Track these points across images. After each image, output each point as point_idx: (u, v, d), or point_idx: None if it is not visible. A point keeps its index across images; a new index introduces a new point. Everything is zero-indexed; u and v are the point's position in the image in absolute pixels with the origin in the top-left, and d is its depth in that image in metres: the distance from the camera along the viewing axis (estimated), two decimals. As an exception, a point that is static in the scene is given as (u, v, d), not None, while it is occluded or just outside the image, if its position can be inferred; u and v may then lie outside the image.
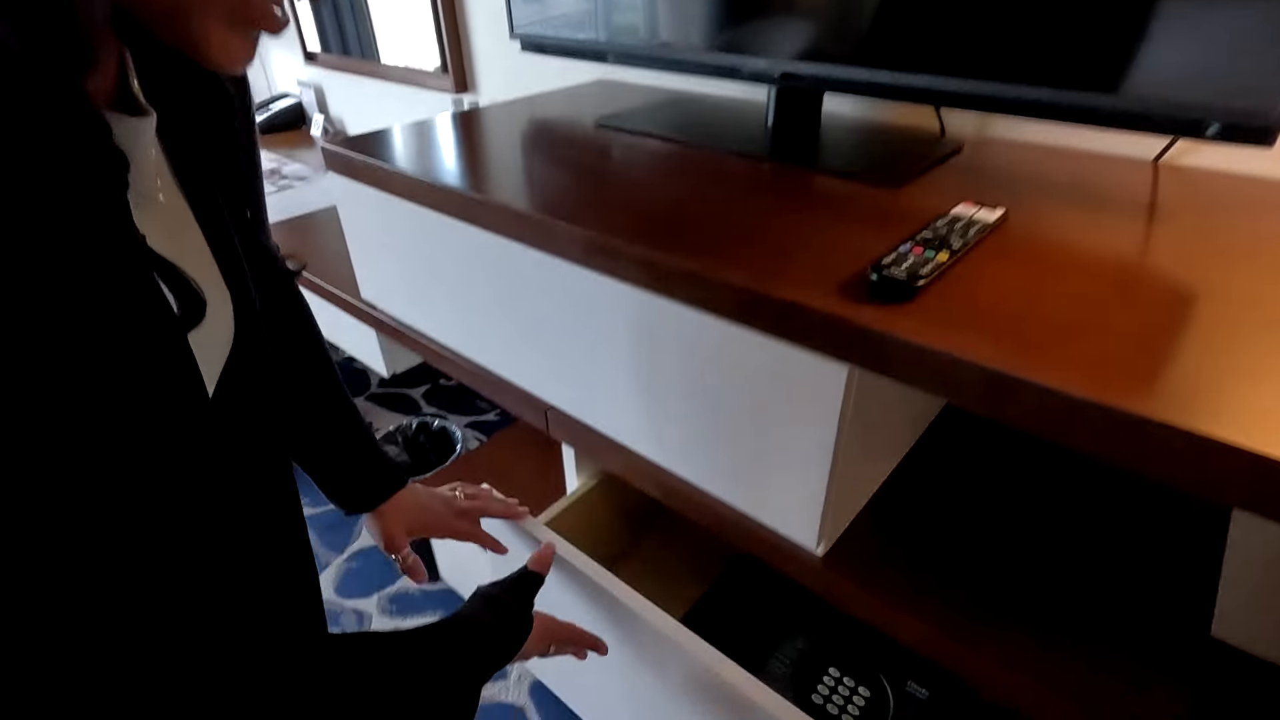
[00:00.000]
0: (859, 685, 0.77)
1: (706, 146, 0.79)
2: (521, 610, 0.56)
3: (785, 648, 0.81)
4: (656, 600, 0.68)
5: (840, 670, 0.79)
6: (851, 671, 0.78)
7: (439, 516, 0.68)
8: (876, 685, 0.77)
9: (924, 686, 0.75)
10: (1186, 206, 0.61)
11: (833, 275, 0.50)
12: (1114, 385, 0.37)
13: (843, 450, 0.53)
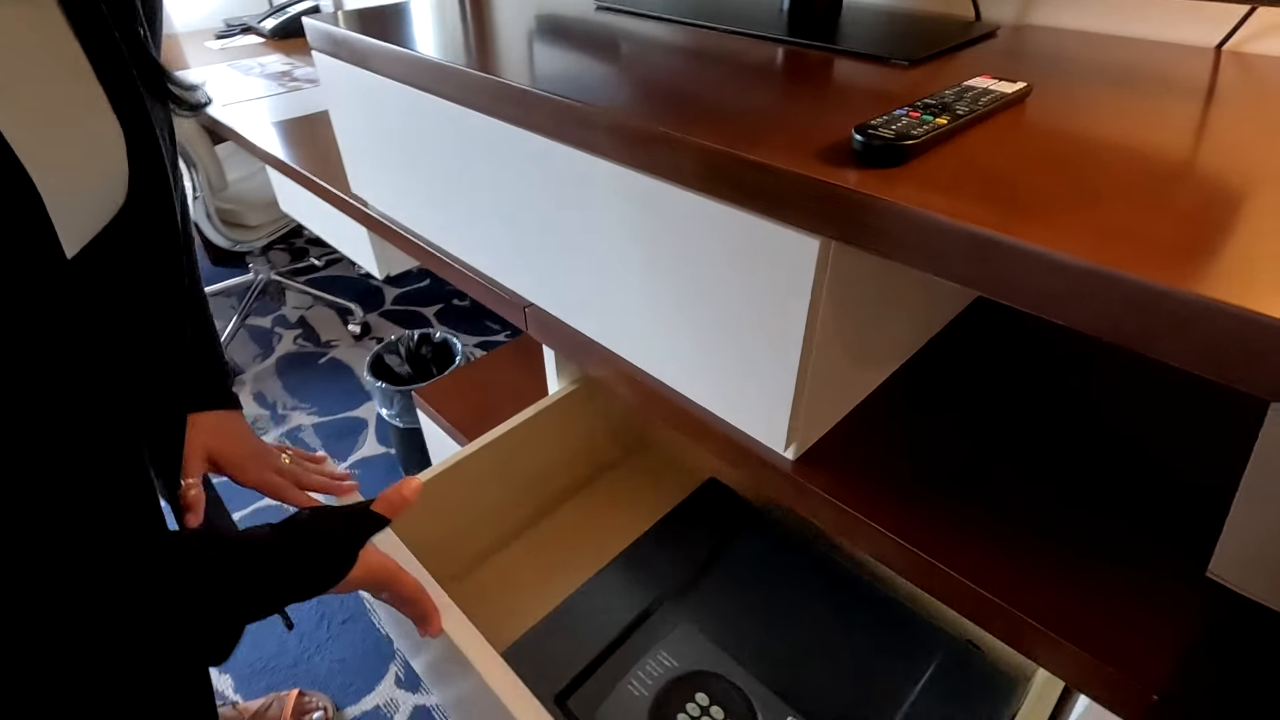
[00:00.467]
0: (728, 715, 0.63)
1: (715, 26, 0.72)
2: (335, 553, 0.47)
3: (652, 661, 0.67)
4: (617, 522, 0.64)
5: (710, 697, 0.64)
6: (722, 700, 0.64)
7: (251, 457, 0.60)
8: (745, 713, 0.63)
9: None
10: (1243, 92, 0.53)
11: (816, 142, 0.44)
12: (1123, 253, 0.31)
13: (817, 342, 0.48)
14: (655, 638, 0.68)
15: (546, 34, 0.73)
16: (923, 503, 0.52)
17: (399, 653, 1.10)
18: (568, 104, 0.52)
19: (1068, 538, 0.49)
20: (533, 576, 0.83)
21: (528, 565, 0.85)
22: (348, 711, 1.03)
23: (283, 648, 1.11)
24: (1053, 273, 0.32)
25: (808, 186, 0.40)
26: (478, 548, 0.87)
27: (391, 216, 0.92)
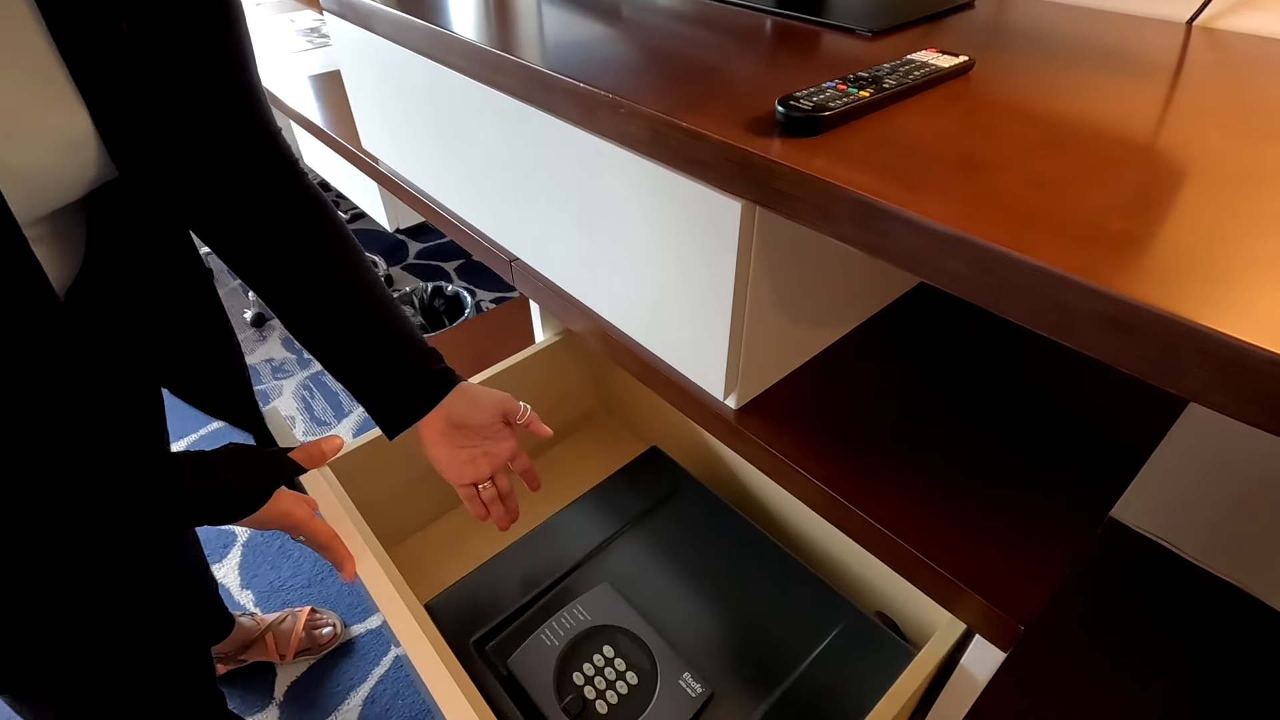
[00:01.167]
0: (629, 670, 0.67)
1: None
2: (247, 485, 0.51)
3: (568, 615, 0.71)
4: (562, 488, 0.67)
5: (615, 652, 0.68)
6: (629, 656, 0.68)
7: (485, 415, 0.63)
8: (648, 672, 0.67)
9: (701, 683, 0.66)
10: (1203, 67, 0.54)
11: (752, 110, 0.47)
12: (983, 220, 0.35)
13: (750, 300, 0.52)
14: (573, 593, 0.73)
15: (552, 6, 0.76)
16: (852, 455, 0.56)
17: (402, 580, 1.19)
18: (532, 68, 0.56)
19: (981, 490, 0.53)
20: (473, 537, 0.90)
21: (470, 528, 0.91)
22: (354, 628, 1.12)
23: (298, 569, 1.21)
24: (922, 236, 0.36)
25: (729, 152, 0.44)
26: (424, 509, 0.92)
27: (398, 172, 0.97)
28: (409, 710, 1.02)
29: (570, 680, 0.66)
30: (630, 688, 0.66)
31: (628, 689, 0.66)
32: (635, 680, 0.66)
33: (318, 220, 0.58)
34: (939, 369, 0.65)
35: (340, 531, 0.57)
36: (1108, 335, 0.30)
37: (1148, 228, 0.33)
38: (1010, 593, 0.46)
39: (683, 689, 0.65)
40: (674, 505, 0.83)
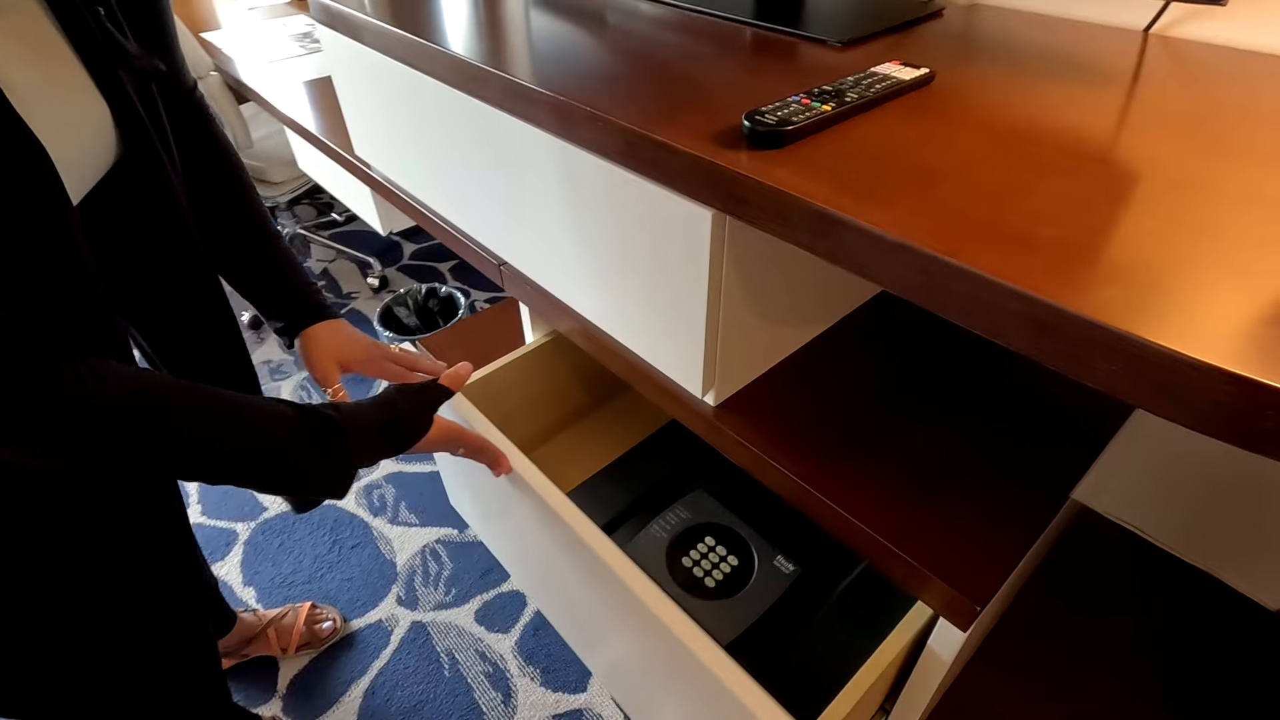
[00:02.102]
0: (729, 554, 0.83)
1: (689, 7, 0.76)
2: (415, 413, 0.59)
3: (678, 507, 0.89)
4: (590, 458, 0.74)
5: (716, 540, 0.85)
6: (727, 542, 0.85)
7: (369, 354, 0.72)
8: (746, 557, 0.83)
9: (793, 563, 0.82)
10: (1155, 75, 0.57)
11: (722, 122, 0.50)
12: (923, 228, 0.37)
13: (723, 302, 0.54)
14: (673, 498, 0.90)
15: (525, 10, 0.79)
16: (824, 450, 0.59)
17: (400, 575, 1.22)
18: (512, 80, 0.59)
19: (942, 480, 0.56)
20: (580, 454, 1.02)
21: (574, 448, 1.04)
22: (354, 623, 1.15)
23: (298, 566, 1.24)
24: (869, 243, 0.39)
25: (697, 164, 0.46)
26: (531, 431, 1.03)
27: (389, 177, 0.99)
28: (409, 700, 1.05)
29: (680, 564, 0.82)
30: (732, 568, 0.82)
31: (730, 569, 0.82)
32: (736, 562, 0.83)
33: (230, 164, 0.69)
34: (905, 367, 0.67)
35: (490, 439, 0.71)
36: (1032, 334, 0.33)
37: (1076, 234, 0.36)
38: (968, 576, 0.49)
39: (777, 568, 0.82)
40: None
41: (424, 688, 1.06)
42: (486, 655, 1.10)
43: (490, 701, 1.05)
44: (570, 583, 0.80)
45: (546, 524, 0.74)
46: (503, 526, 0.95)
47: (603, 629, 0.79)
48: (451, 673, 1.08)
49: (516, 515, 0.84)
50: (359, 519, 1.32)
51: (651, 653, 0.68)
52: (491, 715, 1.03)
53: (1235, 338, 0.29)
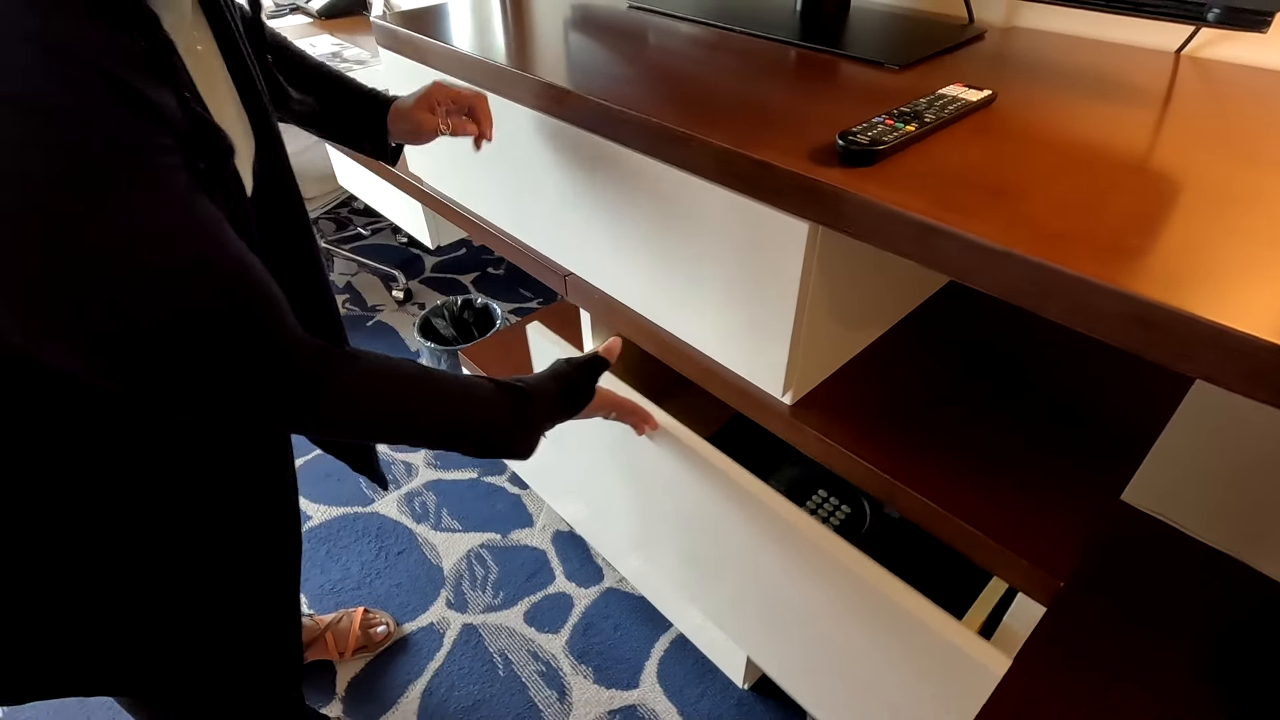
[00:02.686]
0: (842, 504, 0.94)
1: (733, 29, 0.81)
2: (584, 381, 0.68)
3: (779, 474, 0.99)
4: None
5: (828, 491, 0.96)
6: (837, 493, 0.96)
7: (427, 99, 0.74)
8: (857, 505, 0.94)
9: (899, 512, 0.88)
10: (1191, 95, 0.62)
11: (810, 142, 0.54)
12: (1030, 239, 0.42)
13: (808, 307, 0.59)
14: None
15: (583, 32, 0.83)
16: (895, 439, 0.63)
17: (448, 579, 1.25)
18: (604, 105, 0.63)
19: (1011, 466, 0.61)
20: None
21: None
22: (406, 627, 1.18)
23: (346, 573, 1.26)
24: (971, 251, 0.43)
25: (798, 181, 0.51)
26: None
27: (443, 193, 1.03)
28: (466, 700, 1.08)
29: (804, 509, 0.85)
30: (846, 515, 0.93)
31: (845, 516, 0.93)
32: (849, 510, 0.93)
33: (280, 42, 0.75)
34: (965, 359, 0.72)
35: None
36: (1133, 330, 0.38)
37: (1155, 242, 0.41)
38: (1047, 554, 0.53)
39: (889, 515, 0.92)
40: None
41: (480, 687, 1.09)
42: (539, 655, 1.14)
43: (546, 699, 1.08)
44: (721, 534, 0.83)
45: (695, 473, 0.80)
46: (626, 507, 1.00)
47: (757, 579, 0.83)
48: (506, 672, 1.11)
49: (649, 482, 0.89)
50: (403, 526, 1.35)
51: (827, 588, 0.72)
52: (549, 713, 1.06)
53: (1321, 329, 0.34)
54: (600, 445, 0.96)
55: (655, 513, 0.92)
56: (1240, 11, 0.53)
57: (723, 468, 0.75)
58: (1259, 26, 0.53)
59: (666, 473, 0.84)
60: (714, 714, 1.05)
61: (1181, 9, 0.56)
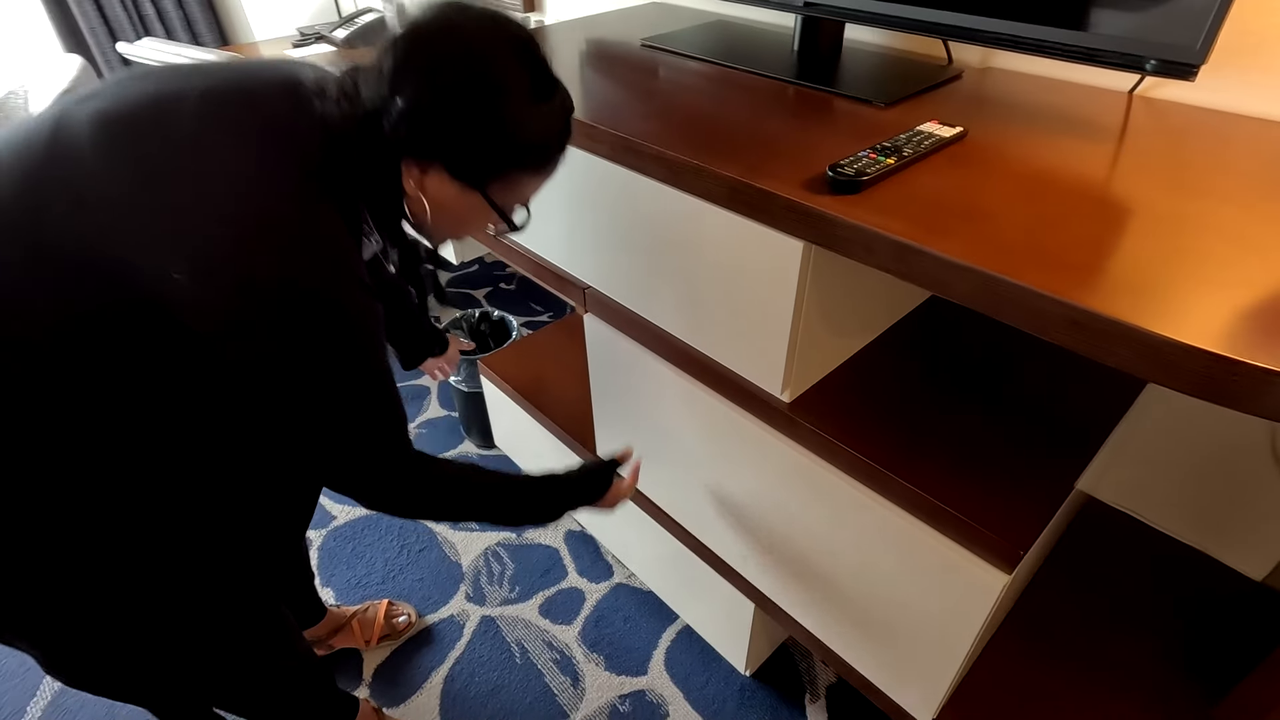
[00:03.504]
0: None
1: (736, 67, 0.91)
2: (602, 477, 0.86)
3: None
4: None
5: None
6: None
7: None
8: None
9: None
10: (1137, 131, 0.71)
11: (805, 172, 0.63)
12: (989, 255, 0.50)
13: (804, 315, 0.67)
14: None
15: (601, 67, 0.93)
16: (881, 434, 0.71)
17: (466, 575, 1.32)
18: (624, 138, 0.72)
19: (983, 456, 0.69)
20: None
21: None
22: (428, 619, 1.25)
23: (370, 569, 1.34)
24: (940, 266, 0.52)
25: (794, 207, 0.60)
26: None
27: (471, 213, 1.12)
28: (486, 685, 1.15)
29: None
30: None
31: None
32: None
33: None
34: (943, 363, 0.80)
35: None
36: (1068, 330, 0.46)
37: (1095, 258, 0.49)
38: (1008, 528, 0.61)
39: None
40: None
41: (499, 674, 1.16)
42: (553, 644, 1.21)
43: (560, 685, 1.15)
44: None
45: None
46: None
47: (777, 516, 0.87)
48: (523, 660, 1.18)
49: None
50: (423, 526, 1.42)
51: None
52: (563, 697, 1.13)
53: (1209, 328, 0.42)
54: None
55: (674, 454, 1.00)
56: (1172, 64, 0.62)
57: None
58: (1188, 76, 0.62)
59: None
60: (718, 698, 1.12)
61: (1125, 59, 0.65)
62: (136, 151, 0.52)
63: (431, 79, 0.54)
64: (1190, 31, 0.60)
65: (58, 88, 1.64)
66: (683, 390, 0.87)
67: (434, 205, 0.60)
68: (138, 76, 0.57)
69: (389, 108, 0.55)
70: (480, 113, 0.55)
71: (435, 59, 0.55)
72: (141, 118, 0.53)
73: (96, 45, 2.13)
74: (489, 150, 0.57)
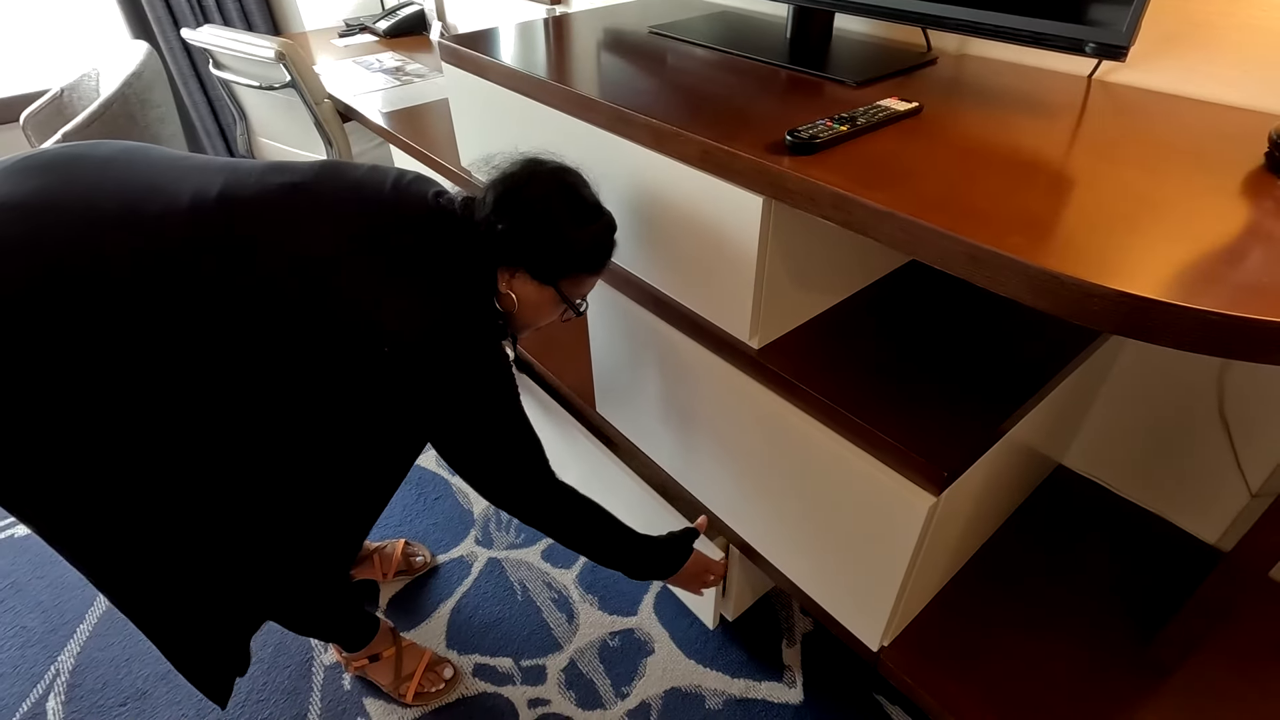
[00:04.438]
0: None
1: (732, 52, 0.99)
2: (684, 546, 1.00)
3: None
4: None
5: None
6: None
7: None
8: None
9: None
10: (1080, 109, 0.78)
11: (770, 138, 0.72)
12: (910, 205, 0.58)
13: (767, 266, 0.76)
14: None
15: (611, 51, 1.02)
16: (838, 377, 0.79)
17: (477, 521, 1.43)
18: (618, 109, 0.82)
19: (924, 401, 0.76)
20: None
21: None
22: (440, 558, 1.36)
23: (390, 512, 1.45)
24: (868, 213, 0.60)
25: (755, 166, 0.68)
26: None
27: (490, 185, 1.23)
28: (489, 618, 1.25)
29: None
30: None
31: None
32: None
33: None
34: (910, 323, 0.88)
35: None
36: (968, 265, 0.54)
37: (997, 206, 0.57)
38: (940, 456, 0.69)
39: None
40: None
41: (501, 608, 1.27)
42: (552, 585, 1.31)
43: (556, 620, 1.25)
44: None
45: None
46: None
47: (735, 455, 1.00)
48: (523, 598, 1.29)
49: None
50: (440, 477, 1.54)
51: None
52: (558, 630, 1.23)
53: (1086, 261, 0.50)
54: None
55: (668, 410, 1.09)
56: (1106, 46, 0.69)
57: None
58: (1118, 57, 0.69)
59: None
60: (700, 638, 1.21)
61: (1066, 43, 0.72)
62: (381, 247, 0.74)
63: (520, 212, 0.77)
64: (1118, 17, 0.67)
65: (125, 71, 1.80)
66: (667, 339, 0.96)
67: (520, 298, 0.82)
68: (341, 166, 0.81)
69: (492, 230, 0.77)
70: (551, 234, 0.78)
71: (522, 200, 0.78)
72: (377, 218, 0.76)
73: (160, 32, 2.30)
74: (558, 258, 0.80)
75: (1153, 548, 1.01)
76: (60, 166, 0.68)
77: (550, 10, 1.67)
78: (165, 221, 0.66)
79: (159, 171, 0.71)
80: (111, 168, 0.70)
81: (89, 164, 0.70)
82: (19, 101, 2.27)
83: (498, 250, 0.78)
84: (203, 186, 0.70)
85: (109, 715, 1.14)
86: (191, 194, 0.69)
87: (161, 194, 0.68)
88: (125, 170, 0.70)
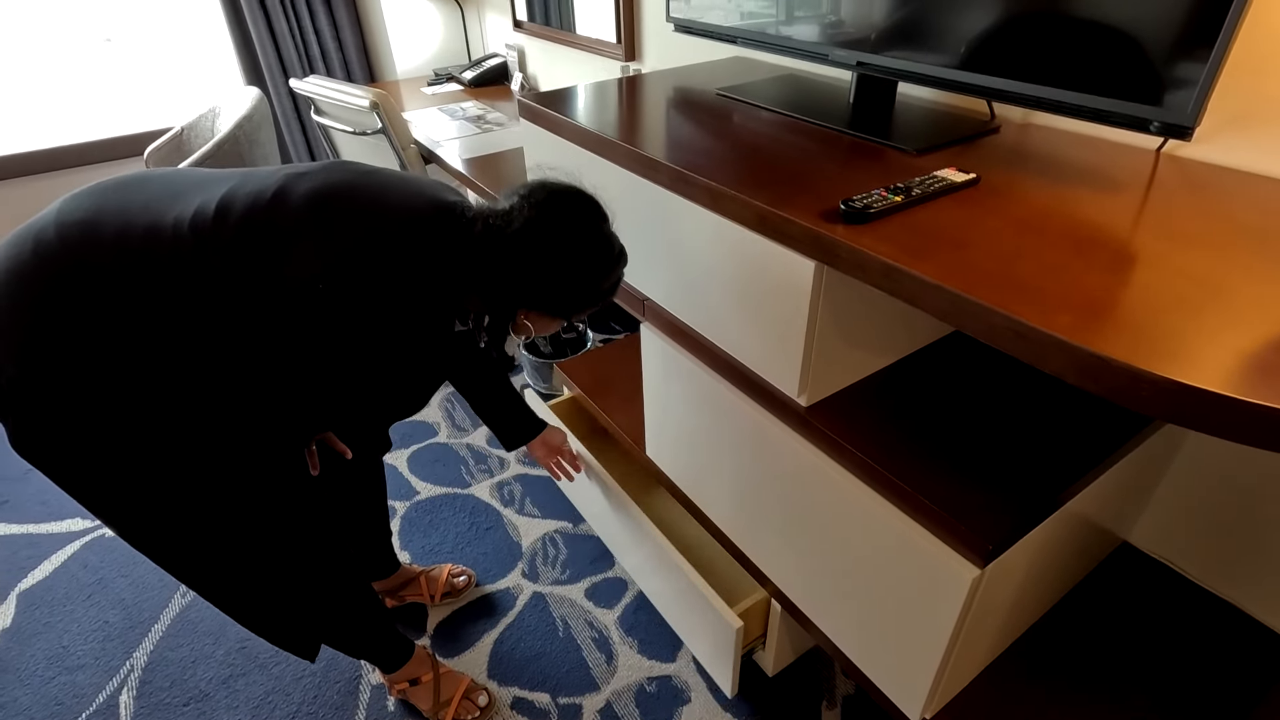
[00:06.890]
0: None
1: (796, 116, 1.03)
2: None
3: None
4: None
5: None
6: None
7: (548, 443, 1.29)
8: None
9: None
10: (1146, 183, 0.77)
11: (825, 205, 0.74)
12: (957, 277, 0.60)
13: (818, 327, 0.78)
14: None
15: (678, 111, 1.07)
16: (885, 439, 0.80)
17: (525, 554, 1.47)
18: (680, 170, 0.86)
19: (973, 469, 0.76)
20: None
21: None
22: (487, 587, 1.40)
23: (443, 539, 1.51)
24: (916, 284, 0.61)
25: (809, 233, 0.71)
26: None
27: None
28: (530, 651, 1.27)
29: None
30: None
31: None
32: None
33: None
34: (961, 388, 0.87)
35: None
36: (1014, 341, 0.55)
37: (1051, 283, 0.58)
38: (984, 526, 0.69)
39: None
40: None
41: (542, 643, 1.29)
42: (594, 624, 1.32)
43: (596, 660, 1.26)
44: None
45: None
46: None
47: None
48: (565, 635, 1.30)
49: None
50: (492, 507, 1.59)
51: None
52: (596, 670, 1.24)
53: (1134, 346, 0.50)
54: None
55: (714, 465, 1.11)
56: (1171, 126, 0.69)
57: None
58: (1184, 136, 0.69)
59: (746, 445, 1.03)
60: (739, 694, 1.20)
61: (1130, 121, 0.73)
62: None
63: (546, 264, 0.80)
64: (1184, 98, 0.67)
65: (239, 113, 1.98)
66: (716, 393, 0.98)
67: (536, 326, 0.88)
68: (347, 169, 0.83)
69: (511, 266, 0.79)
70: (577, 286, 0.83)
71: (548, 251, 0.80)
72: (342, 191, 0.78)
73: (270, 79, 2.52)
74: (576, 304, 0.85)
75: (1223, 638, 0.95)
76: (114, 188, 0.78)
77: (625, 69, 1.76)
78: (180, 222, 0.73)
79: (189, 184, 0.79)
80: (149, 183, 0.79)
81: (133, 183, 0.79)
82: (146, 137, 2.52)
83: (510, 287, 0.80)
84: (214, 193, 0.77)
85: (174, 714, 1.21)
86: (202, 201, 0.76)
87: (182, 199, 0.76)
88: (160, 184, 0.79)
